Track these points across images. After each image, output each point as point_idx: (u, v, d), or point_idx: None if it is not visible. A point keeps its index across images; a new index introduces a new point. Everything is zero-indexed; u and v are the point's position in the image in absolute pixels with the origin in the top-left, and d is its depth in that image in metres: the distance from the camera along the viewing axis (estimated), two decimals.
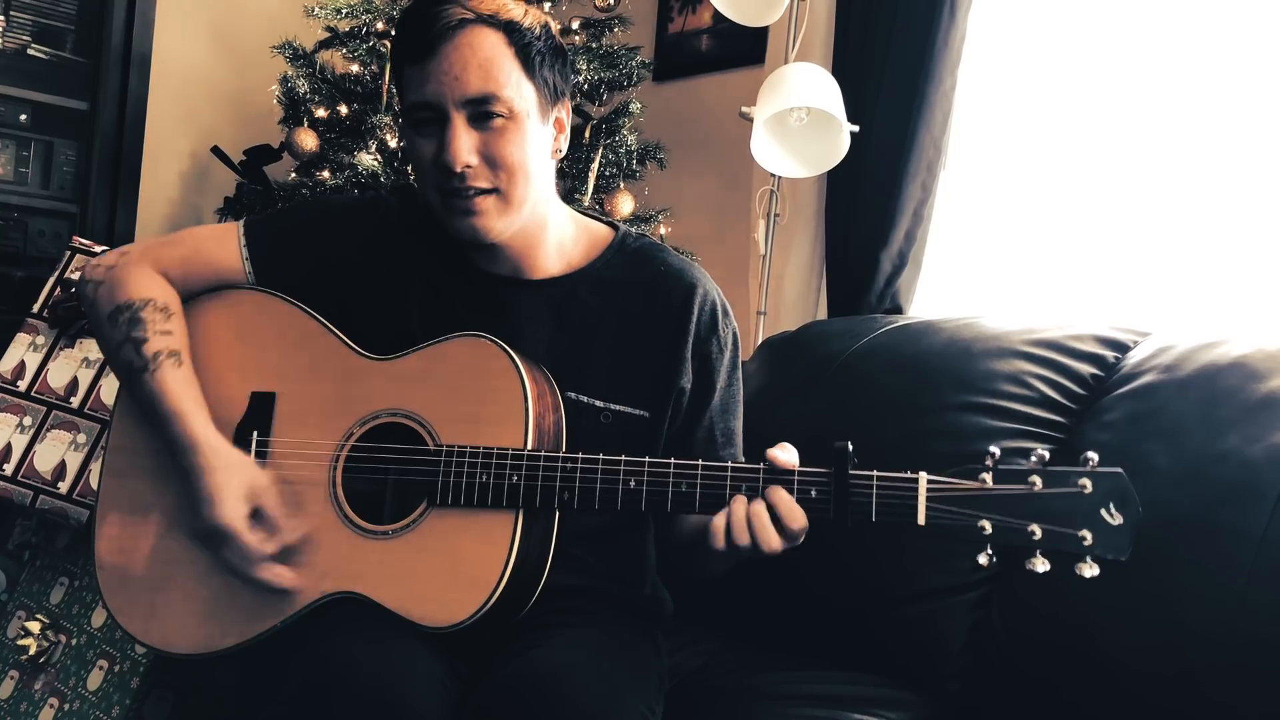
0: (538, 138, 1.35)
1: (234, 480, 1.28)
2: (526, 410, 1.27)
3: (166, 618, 1.34)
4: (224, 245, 1.44)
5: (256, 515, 1.28)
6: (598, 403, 1.38)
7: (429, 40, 1.30)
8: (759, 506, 1.20)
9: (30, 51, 2.62)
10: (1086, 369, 1.71)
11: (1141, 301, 2.07)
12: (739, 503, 1.21)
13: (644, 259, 1.45)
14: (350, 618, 1.25)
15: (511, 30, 1.31)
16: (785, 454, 1.22)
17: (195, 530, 1.31)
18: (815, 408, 1.89)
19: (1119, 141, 2.12)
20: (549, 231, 1.42)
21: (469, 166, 1.30)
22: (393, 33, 2.47)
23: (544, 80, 1.34)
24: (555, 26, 1.39)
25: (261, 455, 1.35)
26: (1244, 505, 1.43)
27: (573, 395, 1.36)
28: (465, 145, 1.30)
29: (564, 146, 1.41)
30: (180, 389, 1.34)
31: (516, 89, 1.31)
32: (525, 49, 1.32)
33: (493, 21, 1.31)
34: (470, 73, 1.29)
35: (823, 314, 2.45)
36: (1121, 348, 1.72)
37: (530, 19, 1.34)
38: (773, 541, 1.20)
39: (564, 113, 1.40)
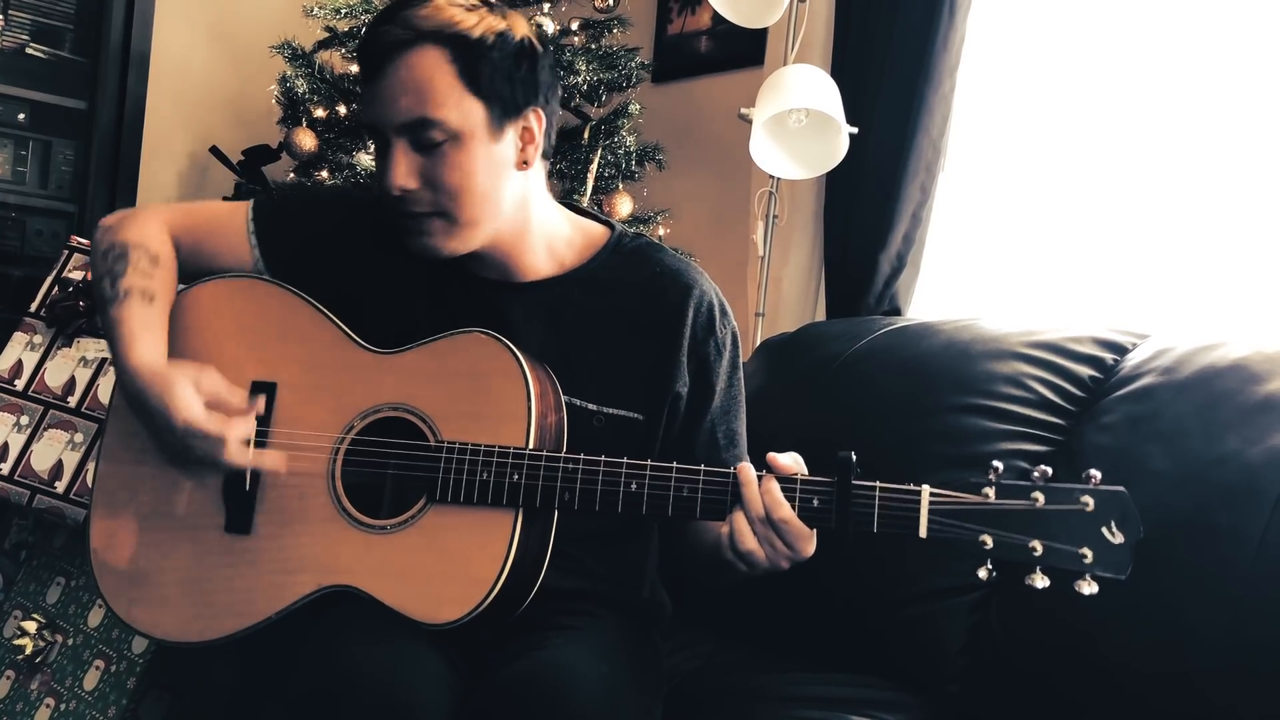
0: (488, 155, 1.30)
1: (176, 384, 1.28)
2: (529, 409, 1.26)
3: (164, 606, 1.33)
4: (233, 220, 1.46)
5: (212, 406, 1.29)
6: (590, 406, 1.37)
7: (374, 62, 1.29)
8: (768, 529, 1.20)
9: (29, 51, 2.61)
10: (1085, 371, 1.71)
11: (1140, 303, 2.07)
12: (740, 519, 1.21)
13: (640, 259, 1.44)
14: (353, 618, 1.24)
15: (456, 44, 1.26)
16: (788, 459, 1.22)
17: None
18: (813, 409, 1.88)
19: (1118, 144, 2.12)
20: (533, 236, 1.40)
21: (406, 191, 1.30)
22: None
23: (495, 95, 1.29)
24: (523, 32, 1.33)
25: (260, 445, 1.34)
26: (1243, 507, 1.43)
27: (565, 398, 1.35)
28: (402, 170, 1.29)
29: (533, 158, 1.35)
30: (139, 321, 1.34)
31: (457, 109, 1.27)
32: (471, 65, 1.27)
33: (435, 37, 1.26)
34: (406, 97, 1.27)
35: (821, 316, 2.45)
36: (1120, 350, 1.72)
37: (482, 28, 1.28)
38: (782, 559, 1.21)
39: (533, 121, 1.34)
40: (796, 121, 2.31)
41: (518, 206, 1.37)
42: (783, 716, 1.47)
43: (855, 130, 2.23)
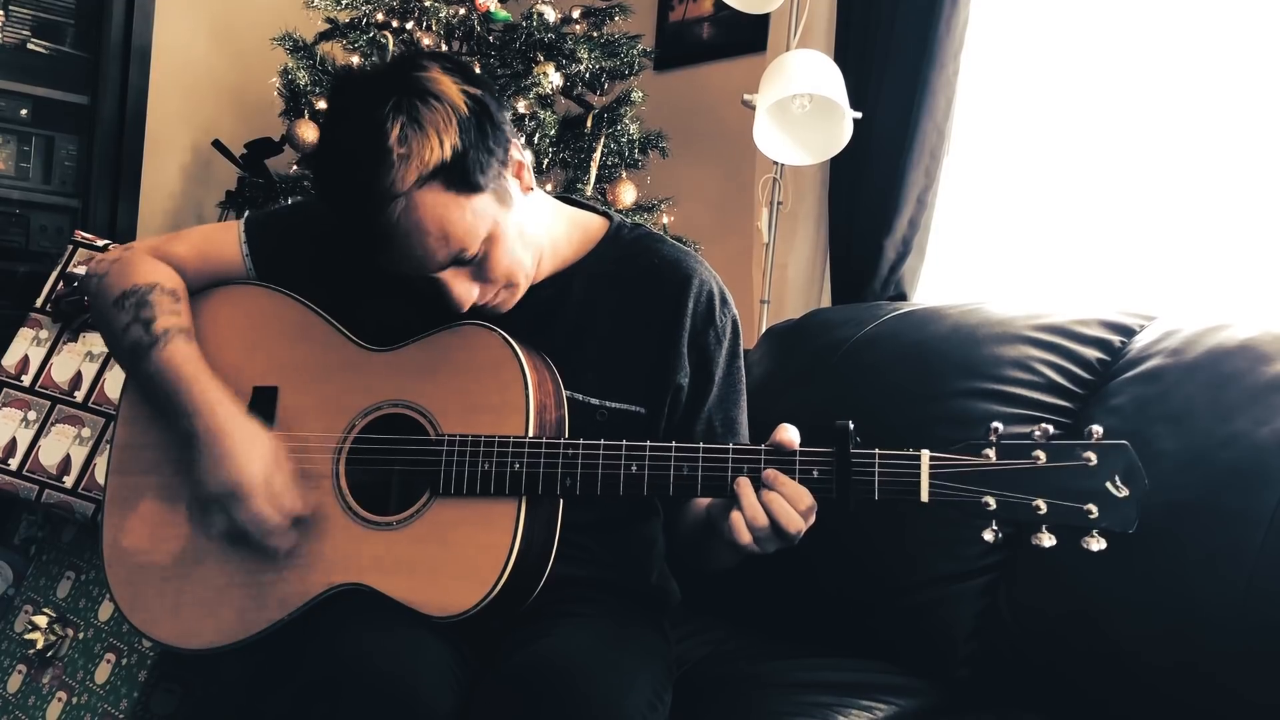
0: (514, 225, 1.29)
1: (255, 442, 1.29)
2: (527, 398, 1.26)
3: (175, 613, 1.34)
4: (225, 242, 1.44)
5: (269, 483, 1.28)
6: (593, 400, 1.37)
7: (377, 236, 1.24)
8: (770, 494, 1.19)
9: (30, 46, 2.61)
10: (1092, 354, 1.70)
11: (1147, 285, 2.06)
12: (747, 490, 1.19)
13: (638, 250, 1.43)
14: (359, 609, 1.25)
15: (441, 174, 1.21)
16: (787, 433, 1.22)
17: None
18: (819, 396, 1.88)
19: (1124, 126, 2.11)
20: (533, 248, 1.38)
21: (476, 298, 1.30)
22: (393, 24, 2.46)
23: (488, 176, 1.25)
24: (456, 94, 1.22)
25: None
26: (1252, 488, 1.42)
27: (567, 393, 1.35)
28: (462, 291, 1.28)
29: (529, 177, 1.33)
30: (193, 360, 1.34)
31: (474, 218, 1.24)
32: (462, 175, 1.22)
33: (421, 180, 1.20)
34: (434, 249, 1.24)
35: (826, 302, 2.44)
36: (1127, 332, 1.72)
37: (448, 137, 1.21)
38: (796, 522, 1.18)
39: (513, 152, 1.30)
40: (800, 107, 2.30)
41: (538, 223, 1.36)
42: (792, 702, 1.47)
43: (859, 115, 2.22)
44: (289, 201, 2.48)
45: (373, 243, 1.26)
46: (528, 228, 1.33)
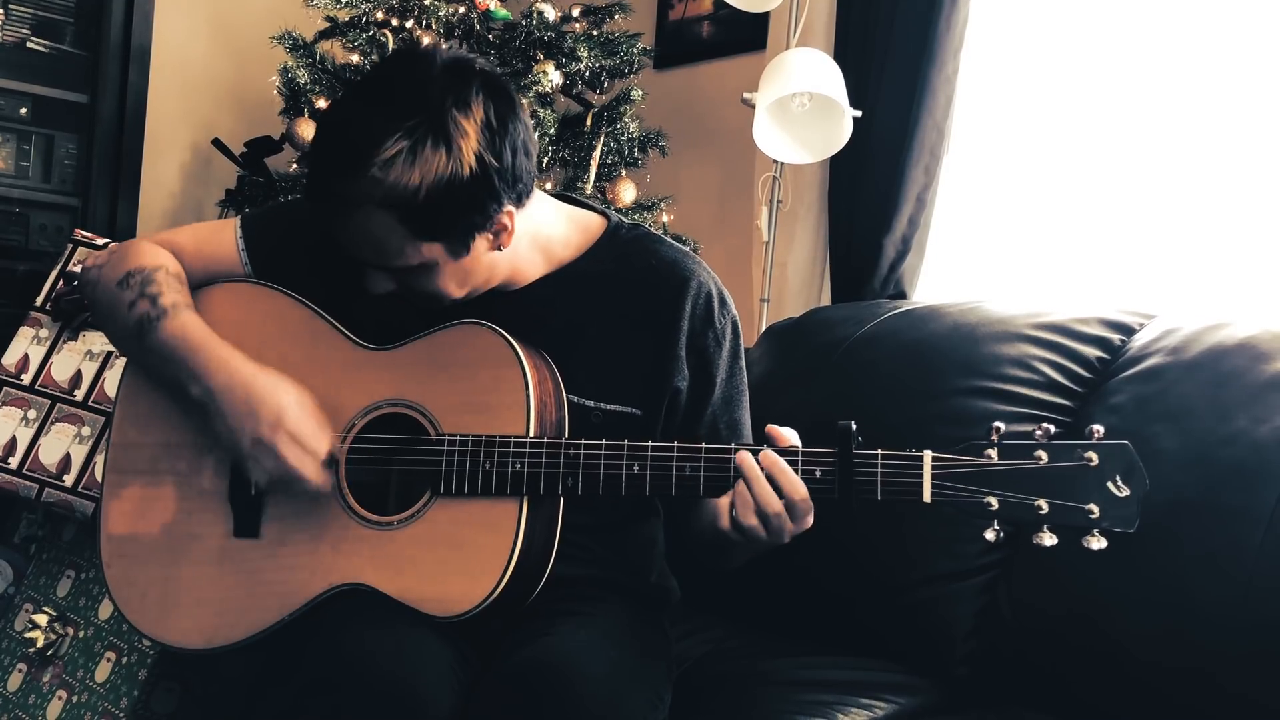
0: (457, 270, 1.29)
1: (280, 385, 1.29)
2: (528, 397, 1.26)
3: (175, 613, 1.34)
4: (222, 239, 1.44)
5: (300, 422, 1.28)
6: (588, 402, 1.36)
7: (325, 210, 1.26)
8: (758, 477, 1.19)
9: (30, 45, 2.61)
10: (1092, 352, 1.70)
11: (1147, 284, 2.06)
12: (748, 461, 1.20)
13: (636, 251, 1.42)
14: (360, 608, 1.25)
15: (403, 209, 1.20)
16: (785, 432, 1.22)
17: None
18: (820, 394, 1.88)
19: (1123, 124, 2.11)
20: (528, 250, 1.38)
21: (389, 292, 1.31)
22: (393, 22, 2.47)
23: (451, 234, 1.24)
24: (472, 150, 1.20)
25: None
26: (1252, 487, 1.43)
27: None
28: (379, 281, 1.30)
29: (508, 240, 1.29)
30: (203, 328, 1.33)
31: (416, 254, 1.24)
32: (419, 224, 1.21)
33: (383, 204, 1.20)
34: (365, 248, 1.26)
35: (826, 300, 2.44)
36: (1127, 330, 1.72)
37: (427, 181, 1.18)
38: (774, 504, 1.19)
39: (504, 220, 1.27)
40: (800, 106, 2.30)
41: (507, 251, 1.33)
42: (792, 700, 1.47)
43: (859, 114, 2.23)
44: (288, 199, 2.48)
45: (318, 210, 1.27)
46: (485, 267, 1.32)
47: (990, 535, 1.13)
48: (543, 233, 1.39)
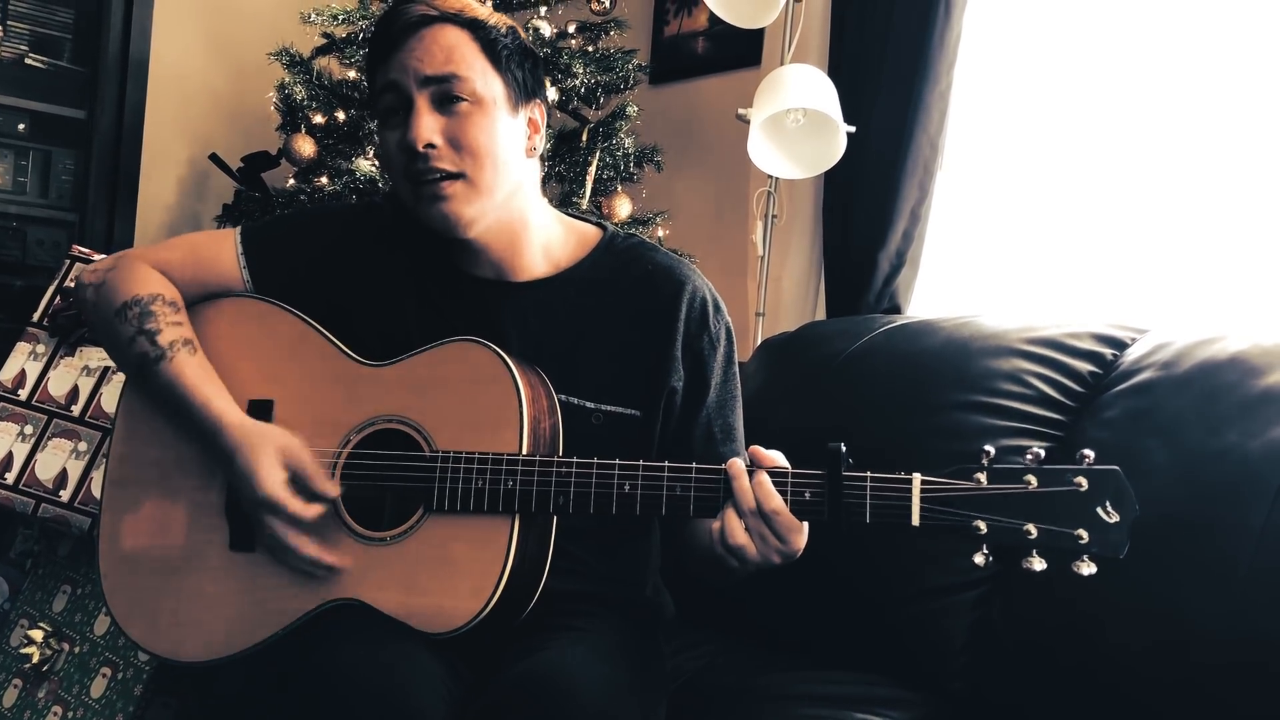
0: (507, 129, 1.36)
1: (266, 450, 1.29)
2: (521, 414, 1.27)
3: (170, 626, 1.35)
4: (221, 250, 1.45)
5: (295, 480, 1.29)
6: (588, 404, 1.38)
7: (393, 36, 1.34)
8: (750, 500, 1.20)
9: (28, 61, 2.62)
10: (1085, 367, 1.71)
11: (1139, 299, 2.07)
12: (739, 473, 1.21)
13: (632, 258, 1.45)
14: (353, 623, 1.25)
15: (476, 27, 1.35)
16: (771, 454, 1.22)
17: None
18: (814, 408, 1.89)
19: (1115, 140, 2.12)
20: (531, 232, 1.42)
21: (432, 146, 1.31)
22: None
23: (512, 76, 1.36)
24: (524, 34, 1.42)
25: None
26: (1243, 501, 1.43)
27: (563, 397, 1.36)
28: (428, 125, 1.31)
29: (539, 145, 1.41)
30: (199, 374, 1.35)
31: (482, 77, 1.33)
32: (490, 44, 1.35)
33: (457, 19, 1.34)
34: (433, 55, 1.33)
35: (821, 315, 2.45)
36: (1119, 345, 1.73)
37: (496, 19, 1.37)
38: (761, 526, 1.19)
39: (537, 113, 1.41)
40: (794, 121, 2.31)
41: (519, 195, 1.39)
42: (787, 715, 1.48)
43: (853, 129, 2.24)
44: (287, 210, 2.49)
45: (386, 44, 1.35)
46: (515, 170, 1.38)
47: (979, 559, 1.13)
48: (544, 230, 1.43)
